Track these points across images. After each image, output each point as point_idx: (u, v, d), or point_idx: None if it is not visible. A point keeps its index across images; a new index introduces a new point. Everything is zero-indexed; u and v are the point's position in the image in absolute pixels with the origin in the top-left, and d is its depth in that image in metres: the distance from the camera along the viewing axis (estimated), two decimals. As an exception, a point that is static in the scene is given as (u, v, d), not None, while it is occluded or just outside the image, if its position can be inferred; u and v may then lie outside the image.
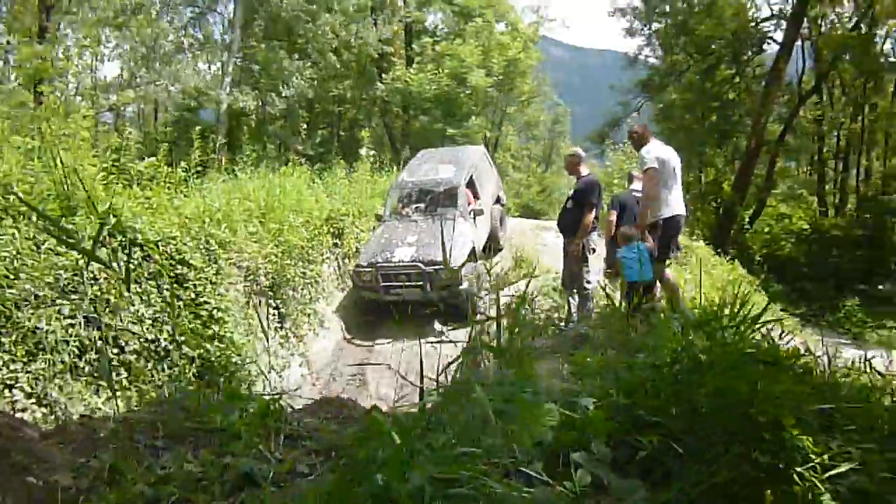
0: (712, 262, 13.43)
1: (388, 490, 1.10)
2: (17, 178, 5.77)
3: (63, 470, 1.68)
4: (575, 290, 7.12)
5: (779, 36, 21.54)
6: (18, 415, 4.76)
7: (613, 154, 21.93)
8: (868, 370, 3.18)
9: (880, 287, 17.73)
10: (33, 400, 4.95)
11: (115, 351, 5.78)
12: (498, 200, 12.44)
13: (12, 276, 5.09)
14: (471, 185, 10.92)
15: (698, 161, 22.74)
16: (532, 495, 1.12)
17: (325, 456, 2.02)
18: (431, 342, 2.68)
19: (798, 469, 1.90)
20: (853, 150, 25.18)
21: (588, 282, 6.99)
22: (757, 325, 2.53)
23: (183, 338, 6.36)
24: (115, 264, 5.70)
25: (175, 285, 6.57)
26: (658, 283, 6.31)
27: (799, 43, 21.54)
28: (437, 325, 8.71)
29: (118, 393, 5.69)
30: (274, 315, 8.76)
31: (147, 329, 6.13)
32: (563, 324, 7.14)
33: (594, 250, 7.13)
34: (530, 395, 1.39)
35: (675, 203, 6.21)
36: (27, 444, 1.76)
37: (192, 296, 6.75)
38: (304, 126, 19.69)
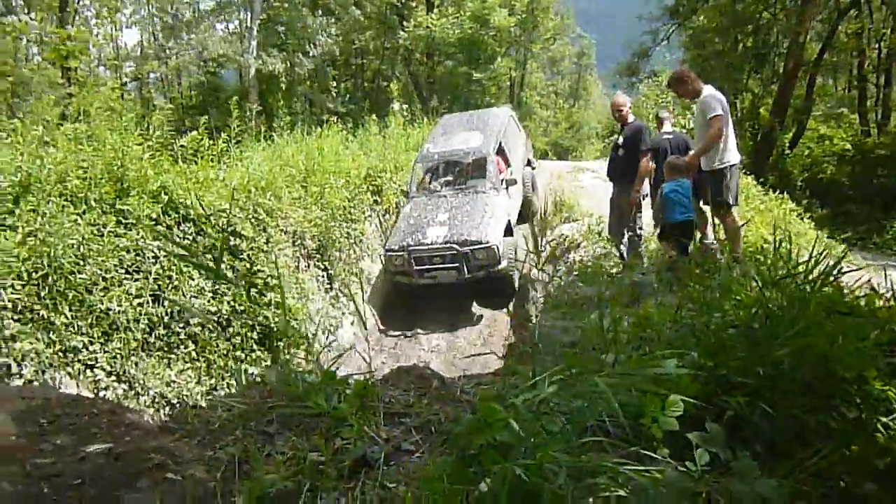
0: (754, 192, 13.20)
1: (528, 479, 1.18)
2: (73, 165, 5.92)
3: (195, 464, 1.82)
4: (627, 235, 7.12)
5: (814, -52, 20.53)
6: (101, 393, 5.05)
7: (647, 89, 21.43)
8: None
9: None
10: (113, 378, 5.22)
11: (182, 325, 6.03)
12: (528, 163, 11.84)
13: (81, 262, 5.29)
14: (500, 151, 10.27)
15: (733, 87, 22.00)
16: (664, 478, 1.20)
17: (425, 432, 2.13)
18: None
19: (883, 419, 1.96)
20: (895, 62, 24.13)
21: (640, 227, 7.00)
22: (831, 278, 2.55)
23: (242, 307, 6.59)
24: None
25: (230, 257, 6.76)
26: (721, 226, 6.24)
27: (836, -47, 20.57)
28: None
29: (188, 365, 5.97)
30: (323, 277, 8.96)
31: (208, 301, 6.36)
32: (615, 271, 7.18)
33: (645, 196, 7.10)
34: (652, 385, 1.46)
35: (736, 148, 6.08)
36: (160, 442, 1.91)
37: (247, 265, 6.95)
38: (333, 84, 19.61)
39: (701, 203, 6.34)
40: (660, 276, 4.88)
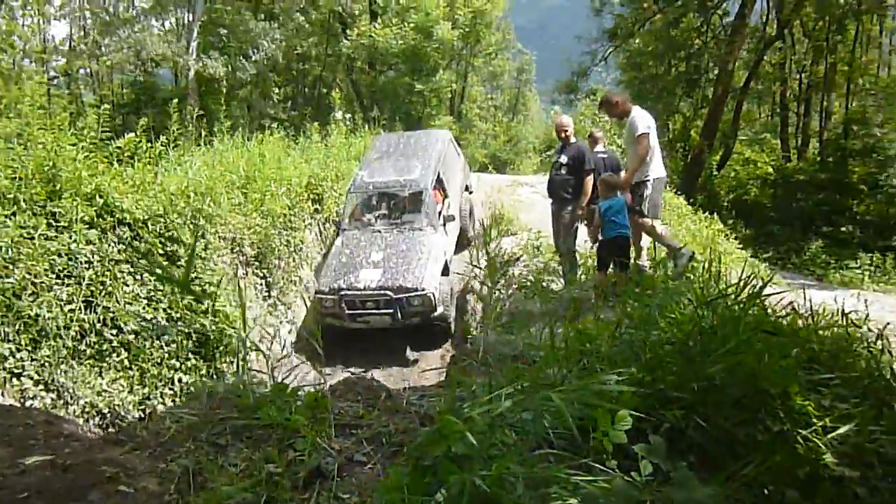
0: (683, 211, 13.74)
1: (488, 489, 1.25)
2: (1, 164, 5.68)
3: (147, 476, 1.81)
4: (563, 251, 7.32)
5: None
6: (29, 402, 4.85)
7: (585, 108, 22.02)
8: (844, 320, 3.35)
9: (843, 229, 18.40)
10: (41, 387, 5.02)
11: (114, 332, 5.84)
12: (466, 188, 11.43)
13: (9, 266, 5.08)
14: (438, 181, 9.78)
15: (666, 109, 22.95)
16: (613, 487, 1.29)
17: (376, 444, 2.17)
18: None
19: (803, 432, 2.12)
20: (815, 93, 25.59)
21: (575, 245, 7.20)
22: (759, 300, 2.74)
23: (179, 315, 6.43)
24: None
25: (167, 263, 6.60)
26: (647, 239, 6.51)
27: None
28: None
29: (120, 373, 5.78)
30: (261, 284, 8.84)
31: (143, 308, 6.18)
32: (554, 286, 7.36)
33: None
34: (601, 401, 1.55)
35: (661, 164, 6.43)
36: (109, 454, 1.88)
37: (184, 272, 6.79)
38: (275, 89, 19.31)
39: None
40: (598, 292, 5.06)
